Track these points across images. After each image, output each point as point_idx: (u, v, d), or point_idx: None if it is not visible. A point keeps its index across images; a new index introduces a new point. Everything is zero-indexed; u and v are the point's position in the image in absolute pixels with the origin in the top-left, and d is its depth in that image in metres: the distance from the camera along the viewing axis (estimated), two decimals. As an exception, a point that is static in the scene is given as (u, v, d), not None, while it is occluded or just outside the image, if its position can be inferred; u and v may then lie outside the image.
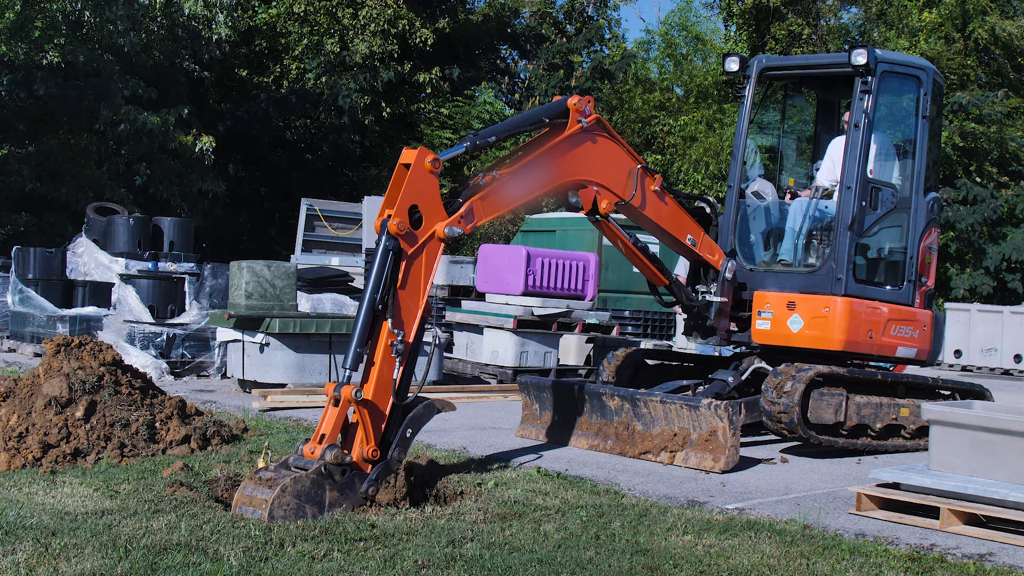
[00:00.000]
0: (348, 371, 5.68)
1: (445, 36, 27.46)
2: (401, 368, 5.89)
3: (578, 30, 32.31)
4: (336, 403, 5.57)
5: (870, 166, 8.39)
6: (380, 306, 5.88)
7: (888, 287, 8.54)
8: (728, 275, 8.43)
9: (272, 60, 27.17)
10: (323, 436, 5.54)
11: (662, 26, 36.23)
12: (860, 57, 8.15)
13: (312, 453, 5.48)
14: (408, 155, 6.06)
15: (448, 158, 6.44)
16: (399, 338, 5.88)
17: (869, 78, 8.18)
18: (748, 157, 9.19)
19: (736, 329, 8.65)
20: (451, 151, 6.59)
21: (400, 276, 5.99)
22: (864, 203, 8.21)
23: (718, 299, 8.44)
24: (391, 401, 5.86)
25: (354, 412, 5.67)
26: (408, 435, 5.92)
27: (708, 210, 8.65)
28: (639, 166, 7.77)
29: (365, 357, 5.84)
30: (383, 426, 5.81)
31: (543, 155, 7.08)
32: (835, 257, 8.22)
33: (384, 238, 5.91)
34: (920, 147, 8.57)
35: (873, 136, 8.39)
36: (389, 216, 5.90)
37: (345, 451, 5.56)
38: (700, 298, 8.51)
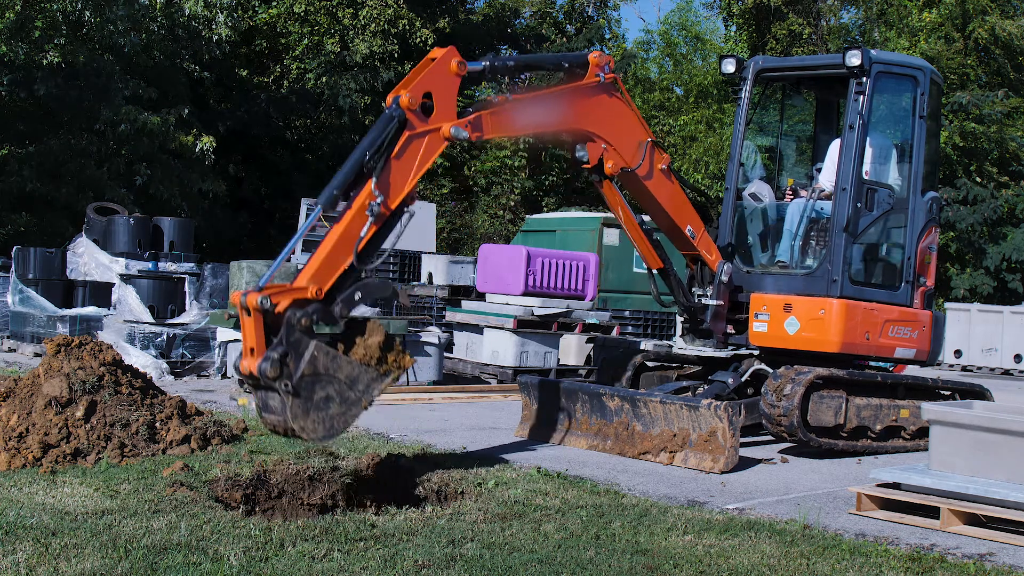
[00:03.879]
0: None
1: (445, 36, 27.45)
2: (371, 231, 5.91)
3: (578, 30, 32.34)
4: (248, 312, 5.42)
5: (866, 167, 8.39)
6: (367, 167, 5.92)
7: (886, 288, 8.53)
8: (724, 278, 8.44)
9: (272, 60, 27.17)
10: (252, 349, 5.44)
11: (662, 26, 36.26)
12: (854, 58, 8.14)
13: (247, 369, 5.41)
14: (437, 51, 6.28)
15: (472, 70, 6.54)
16: (378, 200, 5.89)
17: (864, 79, 8.18)
18: (749, 158, 9.19)
19: (733, 331, 8.66)
20: (471, 63, 6.62)
21: (398, 146, 6.04)
22: (860, 204, 8.20)
23: (714, 302, 8.44)
24: (350, 259, 5.85)
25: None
26: (356, 297, 5.87)
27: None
28: (650, 139, 7.81)
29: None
30: (335, 277, 5.81)
31: (557, 94, 7.25)
32: (831, 259, 8.22)
33: (393, 107, 6.03)
34: (917, 147, 8.56)
35: (870, 137, 8.39)
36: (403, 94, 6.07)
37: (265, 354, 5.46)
38: (696, 300, 8.52)
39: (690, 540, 5.07)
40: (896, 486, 6.05)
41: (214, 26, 20.16)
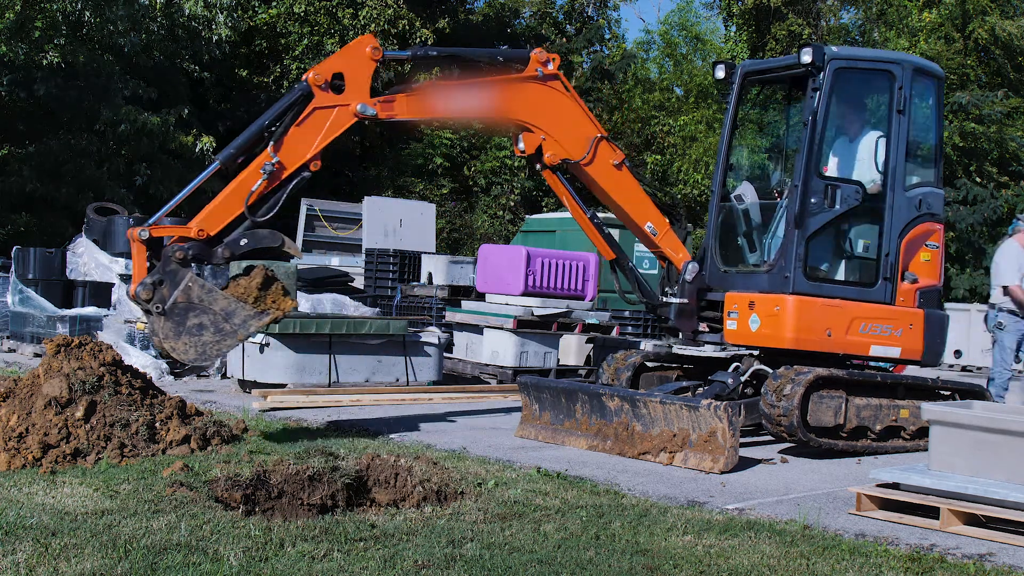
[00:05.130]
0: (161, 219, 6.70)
1: (445, 36, 27.45)
2: (262, 186, 6.64)
3: (578, 30, 32.32)
4: (134, 243, 6.35)
5: (832, 163, 8.39)
6: (269, 131, 6.68)
7: (857, 285, 8.40)
8: (688, 277, 8.53)
9: (272, 60, 27.14)
10: (137, 276, 6.35)
11: (662, 26, 36.24)
12: (806, 56, 8.17)
13: (131, 292, 6.34)
14: (357, 39, 7.12)
15: (391, 57, 7.34)
16: (274, 161, 6.65)
17: (820, 76, 8.16)
18: (754, 161, 9.22)
19: (707, 330, 8.73)
20: (395, 52, 7.48)
21: (302, 116, 6.79)
22: (815, 200, 8.15)
23: (677, 300, 8.52)
24: (241, 210, 6.59)
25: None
26: (242, 243, 6.61)
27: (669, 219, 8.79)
28: (600, 135, 8.04)
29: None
30: (224, 224, 6.56)
31: (489, 83, 7.53)
32: (784, 255, 8.23)
33: (303, 82, 6.85)
34: (895, 142, 8.42)
35: (839, 133, 8.40)
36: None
37: (144, 279, 6.36)
38: (659, 298, 8.65)
39: (690, 540, 5.07)
40: (896, 486, 6.05)
41: (214, 26, 20.15)
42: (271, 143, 6.71)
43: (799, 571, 4.67)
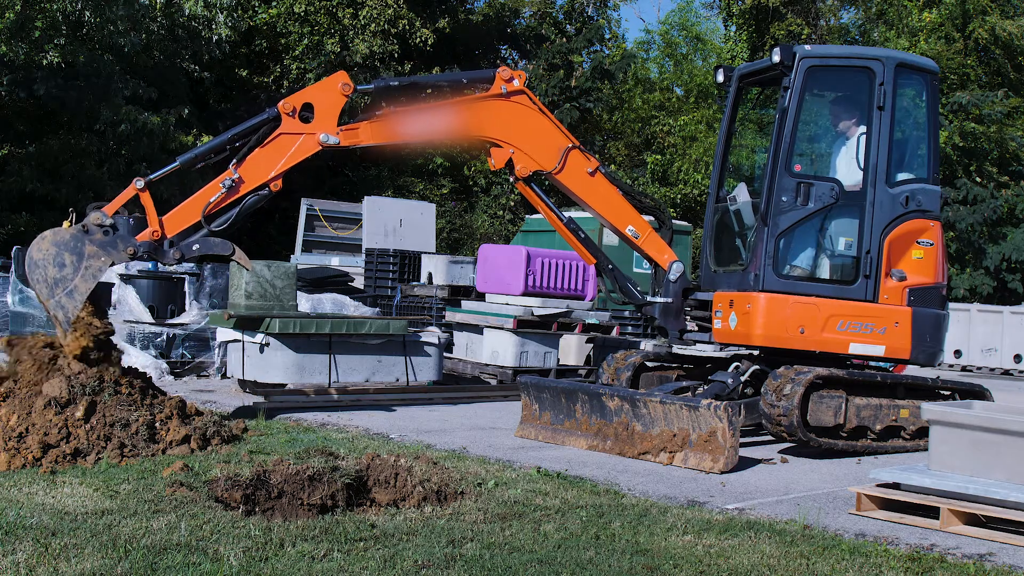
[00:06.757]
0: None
1: (445, 36, 27.43)
2: (220, 199, 7.19)
3: (578, 30, 32.27)
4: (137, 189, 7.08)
5: (802, 161, 8.44)
6: (232, 146, 7.18)
7: (835, 282, 8.34)
8: (672, 277, 8.63)
9: (272, 60, 27.14)
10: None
11: (662, 26, 36.28)
12: (776, 55, 8.23)
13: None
14: (332, 75, 7.57)
15: (362, 90, 7.84)
16: (235, 177, 7.18)
17: (791, 74, 8.15)
18: (752, 161, 9.23)
19: (695, 328, 8.76)
20: (362, 86, 7.97)
21: (268, 140, 7.28)
22: (785, 199, 8.13)
23: (660, 300, 8.58)
24: (198, 219, 7.18)
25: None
26: (194, 248, 7.22)
27: (656, 222, 8.81)
28: (571, 144, 8.24)
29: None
30: (180, 229, 7.15)
31: (452, 104, 7.85)
32: (754, 253, 8.24)
33: (272, 109, 7.36)
34: (876, 139, 8.35)
35: (817, 131, 8.40)
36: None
37: (108, 212, 6.93)
38: (641, 297, 8.72)
39: (690, 540, 5.08)
40: (896, 486, 6.06)
41: (214, 26, 20.14)
42: (234, 160, 7.20)
43: (799, 571, 4.67)
